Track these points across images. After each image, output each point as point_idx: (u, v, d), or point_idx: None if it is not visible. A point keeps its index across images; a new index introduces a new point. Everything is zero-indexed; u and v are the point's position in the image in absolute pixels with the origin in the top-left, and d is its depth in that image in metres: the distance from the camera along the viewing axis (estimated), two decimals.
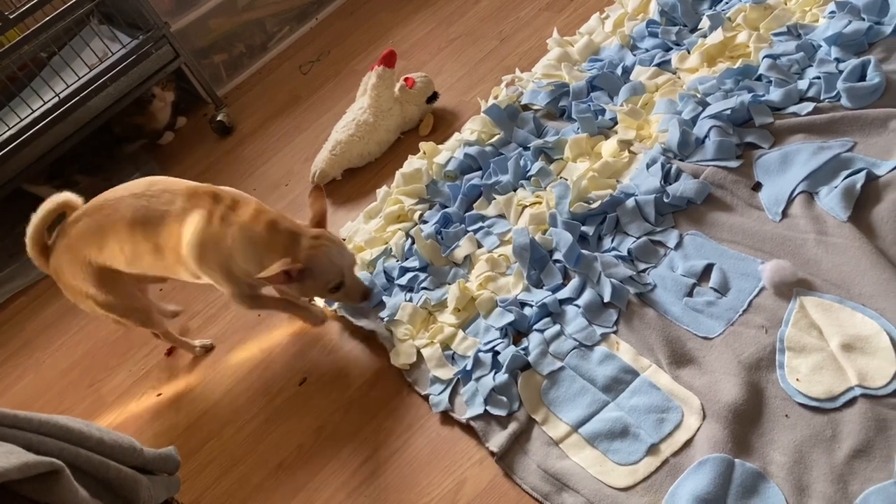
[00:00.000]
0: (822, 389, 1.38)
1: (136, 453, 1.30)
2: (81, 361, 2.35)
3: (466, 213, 2.09)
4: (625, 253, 1.79)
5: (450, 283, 1.94)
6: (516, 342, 1.74)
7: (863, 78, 1.83)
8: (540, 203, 2.00)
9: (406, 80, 2.50)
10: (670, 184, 1.85)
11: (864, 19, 1.95)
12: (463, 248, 2.00)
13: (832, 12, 2.02)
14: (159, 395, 2.11)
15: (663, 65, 2.19)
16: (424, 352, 1.81)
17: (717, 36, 2.12)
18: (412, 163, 2.32)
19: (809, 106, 1.84)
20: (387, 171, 2.42)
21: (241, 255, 1.73)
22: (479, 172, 2.19)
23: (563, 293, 1.77)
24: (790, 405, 1.40)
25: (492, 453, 1.58)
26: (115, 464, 1.24)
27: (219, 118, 3.12)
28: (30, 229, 1.85)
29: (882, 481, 1.25)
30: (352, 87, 2.70)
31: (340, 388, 1.89)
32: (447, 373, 1.74)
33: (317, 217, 1.80)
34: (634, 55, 2.27)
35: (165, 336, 2.13)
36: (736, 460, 1.36)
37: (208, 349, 2.17)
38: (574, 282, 1.77)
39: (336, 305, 2.03)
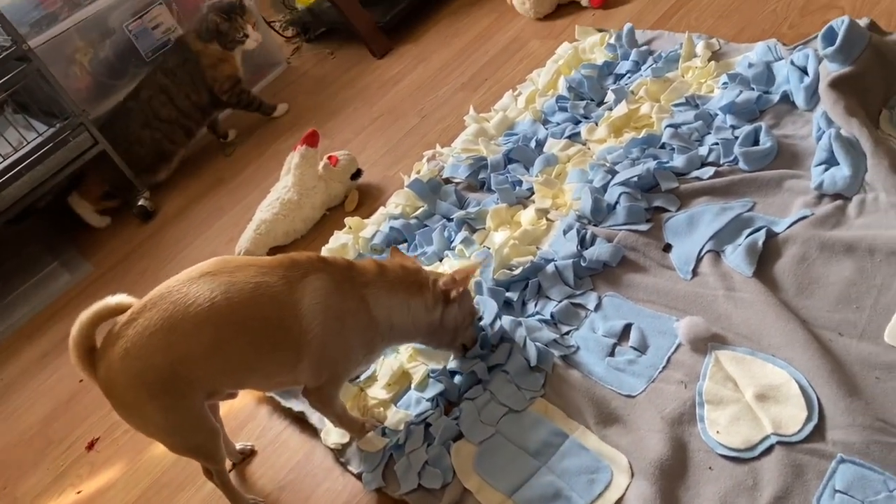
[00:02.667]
0: (741, 439, 1.43)
1: None
2: None
3: None
4: (548, 316, 1.83)
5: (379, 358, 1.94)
6: (448, 412, 1.75)
7: (756, 142, 1.96)
8: None
9: (330, 158, 2.55)
10: (586, 248, 1.92)
11: (753, 89, 2.10)
12: None
13: (725, 83, 2.18)
14: (79, 492, 2.02)
15: (573, 137, 2.29)
16: None
17: (621, 108, 2.25)
18: (338, 238, 2.34)
19: (710, 170, 1.95)
20: (313, 248, 2.43)
21: (386, 310, 1.59)
22: (406, 244, 2.23)
23: (492, 360, 1.79)
24: (713, 457, 1.44)
25: None
26: None
27: (140, 203, 3.09)
28: (75, 330, 1.49)
29: None
30: (276, 168, 2.73)
31: (271, 471, 1.85)
32: (379, 448, 1.72)
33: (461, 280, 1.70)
34: (546, 129, 2.37)
35: (220, 476, 1.70)
36: None
37: (246, 454, 1.90)
38: (502, 348, 1.80)
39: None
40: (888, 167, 1.65)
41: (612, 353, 1.70)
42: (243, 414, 2.02)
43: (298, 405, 1.92)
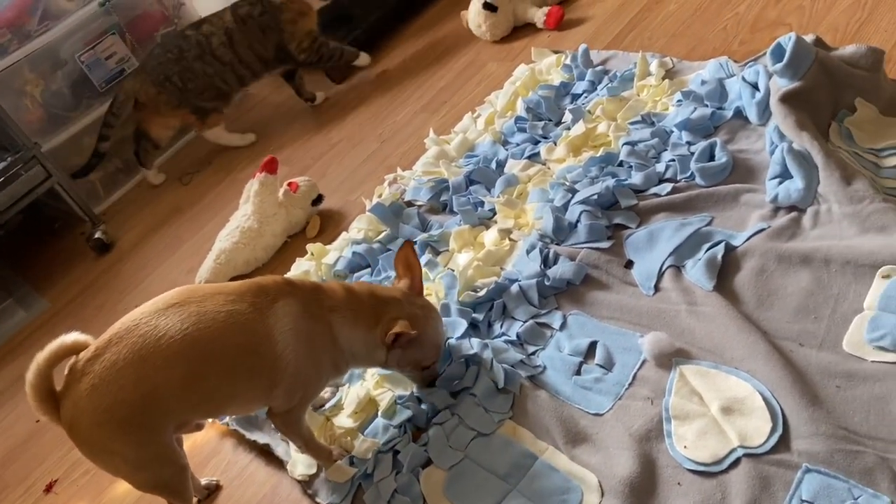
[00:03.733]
0: (708, 454, 1.43)
1: None
2: None
3: None
4: (514, 337, 1.83)
5: (344, 385, 1.91)
6: (416, 438, 1.73)
7: (712, 158, 1.99)
8: (430, 295, 2.03)
9: (290, 184, 2.53)
10: (550, 267, 1.92)
11: (707, 105, 2.14)
12: None
13: (679, 101, 2.21)
14: None
15: (533, 157, 2.31)
16: None
17: (579, 128, 2.27)
18: (300, 265, 2.32)
19: (668, 186, 1.98)
20: None
21: (348, 340, 1.57)
22: (369, 269, 2.21)
23: (460, 383, 1.78)
24: (681, 473, 1.44)
25: None
26: None
27: (97, 235, 3.03)
28: (32, 373, 1.42)
29: None
30: (234, 196, 2.71)
31: None
32: (347, 478, 1.69)
33: (414, 279, 1.68)
34: (506, 149, 2.38)
35: None
36: None
37: (212, 490, 1.85)
38: (469, 371, 1.79)
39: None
40: (840, 178, 1.69)
41: (578, 372, 1.70)
42: (207, 448, 1.97)
43: (263, 437, 1.88)
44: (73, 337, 1.49)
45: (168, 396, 1.47)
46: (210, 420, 1.97)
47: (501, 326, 1.88)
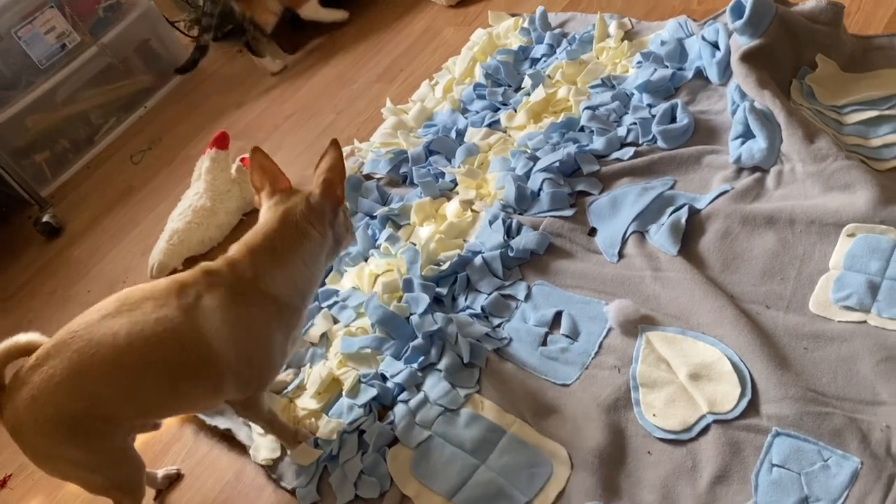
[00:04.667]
0: (678, 421, 1.41)
1: None
2: None
3: (319, 289, 2.03)
4: (478, 310, 1.79)
5: (306, 366, 1.86)
6: (381, 417, 1.69)
7: (674, 120, 1.96)
8: (392, 271, 1.98)
9: (242, 160, 2.45)
10: (513, 238, 1.88)
11: (667, 66, 2.10)
12: (318, 327, 1.94)
13: (639, 62, 2.17)
14: None
15: (493, 125, 2.26)
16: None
17: (539, 93, 2.22)
18: None
19: (630, 151, 1.94)
20: None
21: (284, 279, 1.48)
22: None
23: (425, 359, 1.73)
24: (651, 441, 1.42)
25: None
26: None
27: (45, 219, 2.92)
28: None
29: (743, 503, 1.28)
30: (187, 174, 2.61)
31: (200, 494, 1.75)
32: (311, 461, 1.65)
33: (273, 181, 1.58)
34: (466, 118, 2.33)
35: None
36: None
37: (172, 479, 1.79)
38: (434, 346, 1.74)
39: None
40: (802, 137, 1.67)
41: (544, 343, 1.67)
42: (167, 436, 1.91)
43: (225, 422, 1.82)
44: (27, 337, 1.46)
45: (111, 407, 1.43)
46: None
47: (465, 300, 1.84)
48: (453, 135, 2.28)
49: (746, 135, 1.78)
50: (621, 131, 2.01)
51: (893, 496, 1.21)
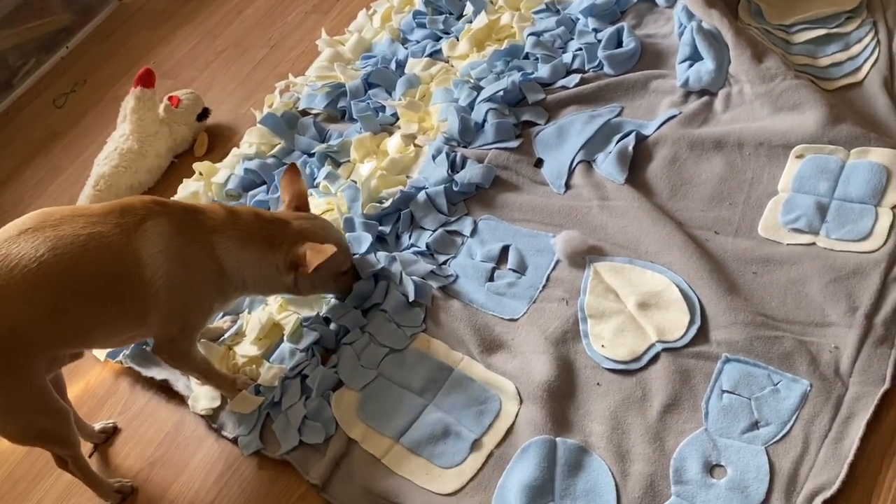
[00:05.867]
0: (626, 351, 1.39)
1: None
2: None
3: None
4: (423, 247, 1.73)
5: (244, 311, 1.78)
6: (325, 361, 1.63)
7: (620, 44, 1.89)
8: (332, 210, 1.89)
9: (170, 98, 2.31)
10: (457, 172, 1.81)
11: None
12: None
13: None
14: None
15: (435, 54, 2.16)
16: None
17: (481, 20, 2.12)
18: (187, 186, 2.13)
19: (576, 77, 1.88)
20: None
21: (236, 263, 1.42)
22: (264, 187, 2.05)
23: (369, 300, 1.67)
24: (600, 372, 1.39)
25: (313, 486, 1.45)
26: None
27: None
28: None
29: (693, 431, 1.26)
30: (115, 117, 2.47)
31: (139, 448, 1.68)
32: (253, 408, 1.59)
33: (297, 198, 1.55)
34: (406, 48, 2.23)
35: (76, 462, 1.51)
36: (557, 439, 1.33)
37: (126, 494, 1.60)
38: (378, 286, 1.68)
39: (121, 356, 1.81)
40: (751, 57, 1.62)
41: (491, 278, 1.62)
42: (101, 390, 1.83)
43: (161, 373, 1.75)
44: None
45: (30, 332, 1.31)
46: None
47: (410, 237, 1.77)
48: (393, 66, 2.18)
49: (694, 57, 1.73)
50: (567, 58, 1.94)
51: (842, 416, 1.20)
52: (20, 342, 1.31)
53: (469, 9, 2.21)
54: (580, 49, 1.94)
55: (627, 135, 1.69)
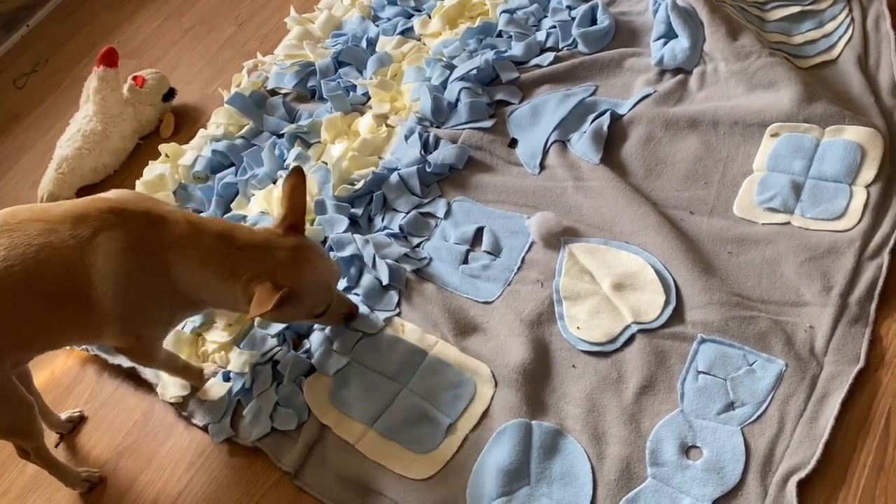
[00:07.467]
0: (602, 333, 1.37)
1: None
2: None
3: (225, 216, 1.89)
4: (396, 230, 1.70)
5: None
6: (297, 346, 1.60)
7: (594, 22, 1.87)
8: None
9: (135, 78, 2.24)
10: (430, 153, 1.78)
11: None
12: None
13: None
14: None
15: (407, 32, 2.13)
16: None
17: None
18: (154, 169, 2.07)
19: (550, 56, 1.86)
20: (129, 184, 2.15)
21: (192, 284, 1.32)
22: (233, 169, 2.01)
23: (341, 284, 1.64)
24: (575, 354, 1.38)
25: (286, 473, 1.43)
26: None
27: None
28: None
29: (669, 412, 1.26)
30: (78, 97, 2.39)
31: (107, 437, 1.64)
32: (222, 396, 1.55)
33: (293, 213, 1.37)
34: (377, 26, 2.18)
35: (39, 454, 1.47)
36: (533, 422, 1.32)
37: (94, 483, 1.56)
38: (351, 269, 1.65)
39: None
40: (726, 34, 1.60)
41: (465, 261, 1.60)
42: (67, 378, 1.78)
43: (128, 360, 1.70)
44: None
45: None
46: None
47: (383, 220, 1.74)
48: (364, 44, 2.13)
49: (669, 35, 1.71)
50: (540, 36, 1.91)
51: (817, 395, 1.20)
52: None
53: None
54: (554, 27, 1.91)
55: (602, 114, 1.67)
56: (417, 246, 1.67)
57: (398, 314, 1.57)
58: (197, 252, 1.31)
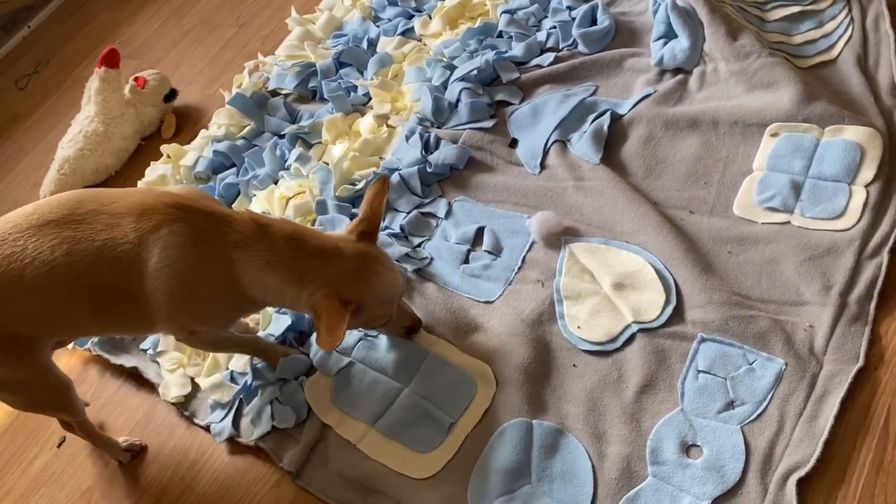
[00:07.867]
0: (602, 332, 1.38)
1: None
2: None
3: None
4: (398, 230, 1.70)
5: None
6: (299, 345, 1.60)
7: (594, 22, 1.87)
8: (304, 192, 1.86)
9: (136, 79, 2.25)
10: (431, 153, 1.79)
11: None
12: None
13: None
14: None
15: (407, 33, 2.13)
16: (199, 378, 1.61)
17: None
18: (155, 169, 2.08)
19: (550, 56, 1.86)
20: (131, 184, 2.16)
21: (258, 286, 1.28)
22: (234, 169, 2.02)
23: None
24: (576, 354, 1.38)
25: (287, 473, 1.43)
26: None
27: None
28: None
29: (669, 411, 1.26)
30: (80, 98, 2.40)
31: (110, 436, 1.64)
32: (227, 394, 1.56)
33: (369, 220, 1.34)
34: (378, 26, 2.19)
35: (82, 427, 1.52)
36: (534, 421, 1.32)
37: (136, 452, 1.59)
38: None
39: (89, 344, 1.77)
40: (726, 34, 1.61)
41: (466, 260, 1.60)
42: (71, 376, 1.78)
43: (131, 360, 1.71)
44: None
45: (35, 325, 1.31)
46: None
47: (384, 220, 1.74)
48: (365, 45, 2.14)
49: (669, 35, 1.71)
50: (541, 36, 1.91)
51: (817, 394, 1.20)
52: (24, 330, 1.31)
53: None
54: (554, 27, 1.91)
55: (602, 114, 1.67)
56: (418, 246, 1.68)
57: None
58: (266, 253, 1.27)
